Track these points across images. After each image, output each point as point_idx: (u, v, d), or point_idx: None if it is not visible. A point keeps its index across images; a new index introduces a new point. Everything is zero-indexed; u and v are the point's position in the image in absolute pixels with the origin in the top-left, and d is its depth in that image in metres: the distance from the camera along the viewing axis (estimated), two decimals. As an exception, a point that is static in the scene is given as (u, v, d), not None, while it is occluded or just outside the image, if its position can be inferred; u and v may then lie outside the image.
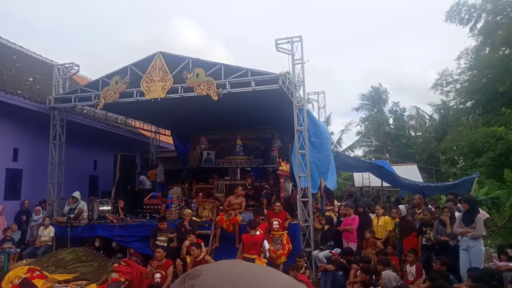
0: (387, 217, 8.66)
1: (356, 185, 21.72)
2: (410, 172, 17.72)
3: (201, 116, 12.02)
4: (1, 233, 9.17)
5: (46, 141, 10.62)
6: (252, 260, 6.69)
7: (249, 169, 14.29)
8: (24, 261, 7.92)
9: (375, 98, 32.33)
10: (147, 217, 10.12)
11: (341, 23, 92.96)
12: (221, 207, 9.43)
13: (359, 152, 31.80)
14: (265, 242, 7.41)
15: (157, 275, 6.70)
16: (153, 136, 15.40)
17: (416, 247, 7.33)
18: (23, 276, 6.36)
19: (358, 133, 32.37)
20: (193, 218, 8.88)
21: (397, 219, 8.23)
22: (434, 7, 64.12)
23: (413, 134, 31.09)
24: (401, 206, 8.52)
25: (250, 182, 11.77)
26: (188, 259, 7.32)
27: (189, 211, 8.86)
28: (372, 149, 31.84)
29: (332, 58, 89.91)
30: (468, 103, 22.07)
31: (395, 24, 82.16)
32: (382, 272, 6.16)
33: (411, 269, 6.56)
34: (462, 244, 6.47)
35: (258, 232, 7.36)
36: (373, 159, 23.87)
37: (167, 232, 8.01)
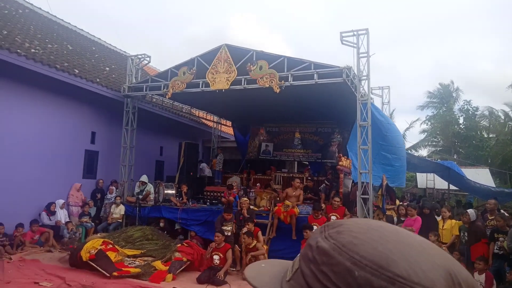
0: (453, 220, 8.15)
1: (419, 186, 20.63)
2: (480, 176, 16.41)
3: (261, 108, 12.18)
4: (79, 208, 10.17)
5: (120, 126, 11.48)
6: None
7: (307, 163, 14.23)
8: (98, 235, 8.71)
9: (443, 96, 30.15)
10: (208, 203, 10.58)
11: (406, 16, 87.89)
12: (278, 198, 9.55)
13: (423, 152, 30.00)
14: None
15: (216, 257, 6.98)
16: (215, 126, 15.97)
17: (486, 255, 6.83)
18: (99, 248, 7.03)
19: (424, 131, 30.54)
20: (251, 207, 9.08)
21: (464, 224, 7.71)
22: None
23: (485, 135, 28.60)
24: (470, 210, 7.94)
25: (308, 175, 11.73)
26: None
27: (246, 199, 9.05)
28: (438, 149, 29.84)
29: (395, 53, 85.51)
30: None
31: (465, 15, 75.64)
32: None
33: (479, 278, 6.14)
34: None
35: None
36: (439, 159, 22.42)
37: (231, 221, 8.25)
